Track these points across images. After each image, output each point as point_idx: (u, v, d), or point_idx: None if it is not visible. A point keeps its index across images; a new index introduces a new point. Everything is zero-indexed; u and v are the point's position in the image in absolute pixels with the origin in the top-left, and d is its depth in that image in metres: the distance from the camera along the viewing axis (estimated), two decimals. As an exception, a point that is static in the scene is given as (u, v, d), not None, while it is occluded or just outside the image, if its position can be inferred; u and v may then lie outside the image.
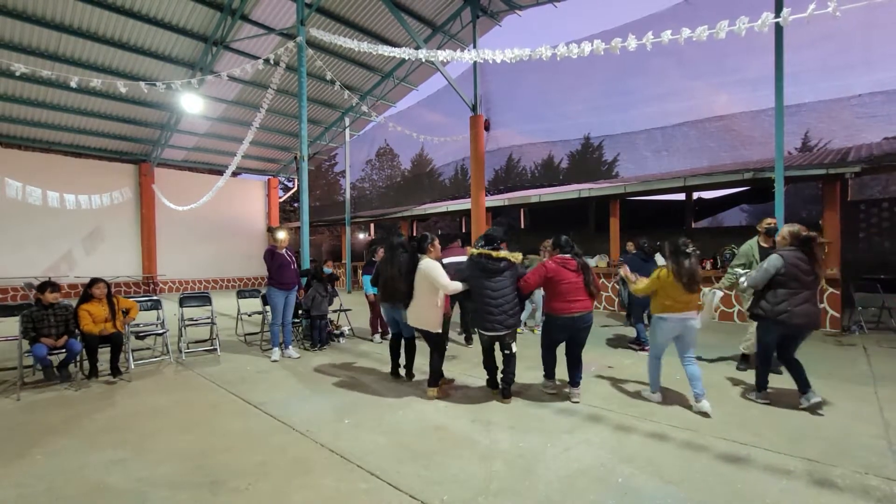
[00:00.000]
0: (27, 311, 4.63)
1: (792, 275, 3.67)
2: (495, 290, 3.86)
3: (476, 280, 3.96)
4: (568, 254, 3.98)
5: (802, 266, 3.67)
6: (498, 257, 3.86)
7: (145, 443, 3.29)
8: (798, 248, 3.74)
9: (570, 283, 3.84)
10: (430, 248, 4.22)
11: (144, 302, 6.01)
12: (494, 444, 3.17)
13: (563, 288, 3.85)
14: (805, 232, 3.76)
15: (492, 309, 3.86)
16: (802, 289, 3.67)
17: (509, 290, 3.89)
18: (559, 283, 3.86)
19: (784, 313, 3.66)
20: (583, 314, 3.86)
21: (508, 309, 3.88)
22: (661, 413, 3.70)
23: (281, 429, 3.51)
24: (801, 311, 3.64)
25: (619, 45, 3.66)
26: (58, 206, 12.96)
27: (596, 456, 2.97)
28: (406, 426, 3.52)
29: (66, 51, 10.69)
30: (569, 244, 4.02)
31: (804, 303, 3.66)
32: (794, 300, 3.66)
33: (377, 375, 5.01)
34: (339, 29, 11.55)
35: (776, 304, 3.70)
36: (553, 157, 13.37)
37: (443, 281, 3.99)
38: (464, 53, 5.36)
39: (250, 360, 5.74)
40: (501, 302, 3.86)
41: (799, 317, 3.64)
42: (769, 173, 7.48)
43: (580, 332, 3.92)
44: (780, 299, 3.70)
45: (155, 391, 4.54)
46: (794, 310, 3.64)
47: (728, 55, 8.79)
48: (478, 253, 3.95)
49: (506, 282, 3.88)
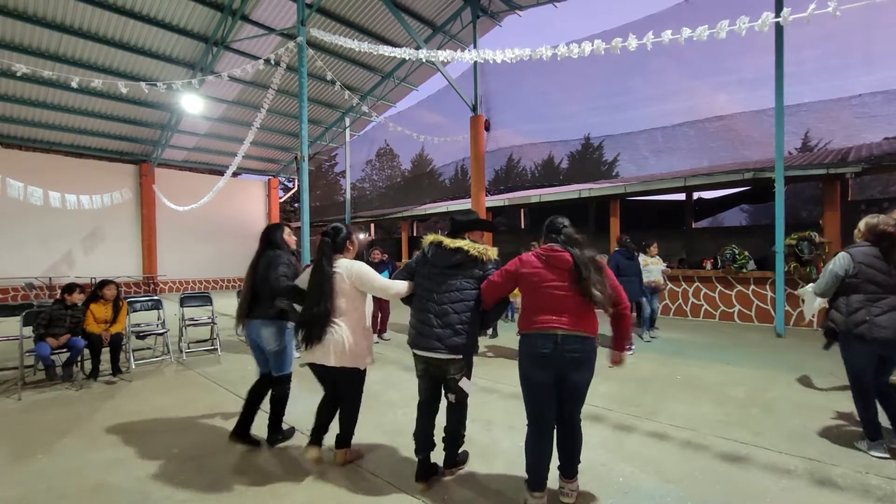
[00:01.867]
0: (46, 308, 4.70)
1: (867, 276, 2.95)
2: (440, 291, 2.57)
3: (418, 276, 2.72)
4: (556, 242, 2.45)
5: (878, 265, 2.95)
6: (453, 247, 2.58)
7: (146, 442, 3.30)
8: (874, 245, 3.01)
9: (553, 287, 2.35)
10: (348, 245, 2.96)
11: (145, 302, 6.02)
12: (494, 443, 3.17)
13: (541, 294, 2.38)
14: (885, 225, 2.99)
15: (430, 319, 2.55)
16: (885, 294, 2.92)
17: (462, 296, 2.55)
18: (537, 286, 2.39)
19: (863, 324, 2.91)
20: (568, 334, 2.29)
21: (455, 322, 2.51)
22: (662, 413, 3.71)
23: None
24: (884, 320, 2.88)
25: (620, 45, 3.67)
26: (59, 207, 12.97)
27: (596, 455, 2.98)
28: (407, 426, 3.52)
29: (67, 51, 10.70)
30: (559, 228, 2.48)
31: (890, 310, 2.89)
32: (873, 308, 2.91)
33: (376, 375, 5.01)
34: (339, 29, 11.55)
35: (851, 314, 2.97)
36: (553, 157, 13.40)
37: (379, 283, 2.75)
38: (464, 53, 5.37)
39: (251, 360, 5.71)
40: (447, 310, 2.53)
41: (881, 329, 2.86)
42: (769, 173, 7.49)
43: (569, 366, 2.31)
44: (854, 307, 2.97)
45: (156, 391, 4.54)
46: (874, 319, 2.89)
47: (728, 55, 8.81)
48: (430, 241, 2.72)
49: (458, 282, 2.56)
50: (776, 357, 5.59)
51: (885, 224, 2.97)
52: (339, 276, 2.76)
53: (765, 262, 8.36)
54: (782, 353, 5.73)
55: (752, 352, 5.95)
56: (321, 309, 2.68)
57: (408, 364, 5.42)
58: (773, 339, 6.75)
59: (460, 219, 2.78)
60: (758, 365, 5.21)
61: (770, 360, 5.43)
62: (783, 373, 4.79)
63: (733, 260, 8.35)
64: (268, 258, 3.11)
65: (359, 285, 2.77)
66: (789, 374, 4.77)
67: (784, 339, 6.73)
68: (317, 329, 2.68)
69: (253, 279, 3.13)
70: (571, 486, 2.47)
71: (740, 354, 5.76)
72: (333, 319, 2.72)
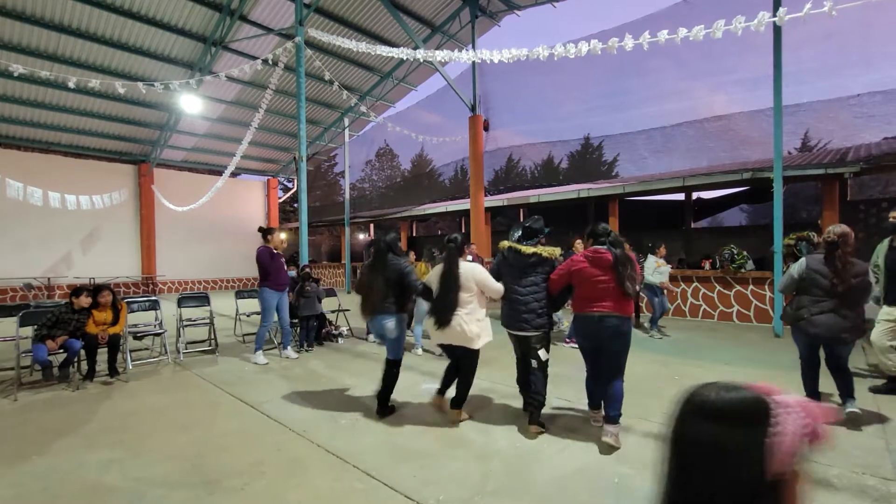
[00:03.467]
0: (54, 309, 4.69)
1: (813, 280, 3.40)
2: (523, 285, 3.42)
3: (504, 277, 3.56)
4: (603, 245, 3.24)
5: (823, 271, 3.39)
6: (526, 252, 3.42)
7: (142, 443, 3.29)
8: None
9: (598, 282, 3.16)
10: (466, 250, 3.77)
11: (143, 302, 6.01)
12: (491, 444, 3.16)
13: (588, 288, 3.21)
14: (829, 235, 3.40)
15: (518, 307, 3.42)
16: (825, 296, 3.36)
17: (538, 287, 3.40)
18: (585, 281, 3.22)
19: (802, 320, 3.44)
20: (605, 315, 3.13)
21: (537, 308, 3.38)
22: (659, 413, 3.70)
23: (277, 429, 3.51)
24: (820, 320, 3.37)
25: (616, 46, 3.66)
26: (59, 207, 12.98)
27: (592, 455, 2.97)
28: (402, 427, 3.52)
29: (65, 51, 10.69)
30: (605, 232, 3.29)
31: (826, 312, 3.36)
32: (813, 308, 3.39)
33: (374, 376, 5.00)
34: (337, 29, 11.55)
35: (796, 310, 3.52)
36: (553, 157, 13.38)
37: (492, 283, 3.53)
38: (461, 53, 5.35)
39: (247, 362, 5.73)
40: (529, 300, 3.39)
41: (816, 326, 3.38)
42: (768, 173, 7.48)
43: (607, 340, 3.16)
44: (800, 305, 3.50)
45: (152, 391, 4.53)
46: (811, 318, 3.39)
47: (727, 55, 8.80)
48: (507, 246, 3.54)
49: (534, 277, 3.41)
50: (775, 357, 5.58)
51: (829, 234, 3.39)
52: (463, 276, 3.50)
53: (763, 262, 8.35)
54: (780, 354, 5.72)
55: (750, 352, 5.94)
56: (449, 301, 3.44)
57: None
58: (772, 340, 6.75)
59: (535, 226, 3.56)
60: (756, 365, 5.21)
61: (769, 360, 5.43)
62: (781, 373, 4.78)
63: (732, 260, 8.34)
64: (396, 265, 3.74)
65: (477, 284, 3.51)
66: (787, 374, 4.74)
67: (782, 339, 6.72)
68: (446, 316, 3.42)
69: (375, 280, 3.72)
70: (612, 429, 3.08)
71: (739, 355, 5.75)
72: (457, 310, 3.44)
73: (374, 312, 3.72)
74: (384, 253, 3.80)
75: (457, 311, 3.42)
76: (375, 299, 3.71)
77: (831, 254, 3.35)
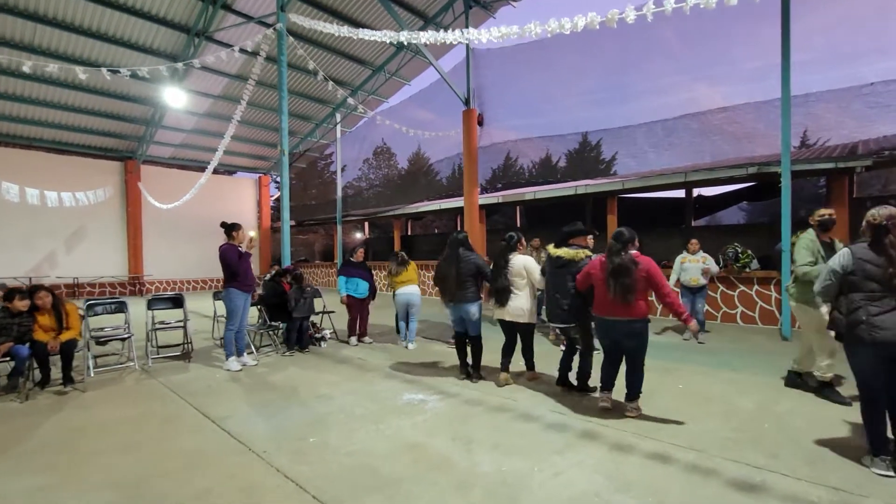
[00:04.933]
0: None
1: (865, 273, 2.74)
2: (555, 284, 4.08)
3: (546, 274, 4.25)
4: (615, 252, 3.49)
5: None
6: (556, 255, 4.06)
7: (79, 466, 2.90)
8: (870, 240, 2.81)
9: (601, 287, 3.54)
10: (519, 246, 4.47)
11: (108, 305, 5.61)
12: (474, 468, 2.78)
13: (600, 292, 3.57)
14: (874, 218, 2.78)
15: (552, 301, 4.13)
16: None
17: (570, 286, 3.94)
18: (597, 286, 3.61)
19: (861, 324, 2.70)
20: (616, 321, 3.48)
21: (564, 304, 3.99)
22: (663, 429, 3.32)
23: (236, 449, 3.12)
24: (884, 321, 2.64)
25: (617, 18, 3.29)
26: (37, 204, 12.56)
27: (589, 481, 2.59)
28: (377, 445, 3.14)
29: (42, 42, 10.28)
30: (618, 239, 3.50)
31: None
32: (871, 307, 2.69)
33: (355, 385, 4.62)
34: (325, 19, 11.13)
35: (850, 314, 2.79)
36: (551, 154, 12.96)
37: (538, 276, 4.27)
38: (447, 34, 4.96)
39: (219, 369, 5.33)
40: (558, 296, 4.03)
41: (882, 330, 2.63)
42: (775, 167, 7.11)
43: (621, 340, 3.55)
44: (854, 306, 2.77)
45: (108, 403, 4.14)
46: (871, 319, 2.66)
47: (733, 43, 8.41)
48: (548, 249, 4.26)
49: (566, 277, 3.97)
50: (784, 362, 5.16)
51: (875, 217, 2.75)
52: (515, 266, 4.32)
53: (768, 261, 7.98)
54: (789, 359, 5.34)
55: (757, 357, 5.57)
56: (502, 283, 4.29)
57: (389, 371, 5.04)
58: (779, 343, 6.38)
59: (565, 230, 4.15)
60: (765, 371, 4.84)
61: (778, 365, 5.02)
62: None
63: (736, 259, 7.97)
64: (471, 258, 4.50)
65: (527, 273, 4.27)
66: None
67: (790, 342, 6.34)
68: (503, 297, 4.29)
69: (450, 272, 4.45)
70: (633, 405, 3.59)
71: (746, 360, 5.38)
72: (513, 291, 4.28)
73: (455, 300, 4.45)
74: (457, 248, 4.50)
75: (514, 292, 4.26)
76: (453, 288, 4.42)
77: (879, 240, 2.72)
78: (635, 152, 9.86)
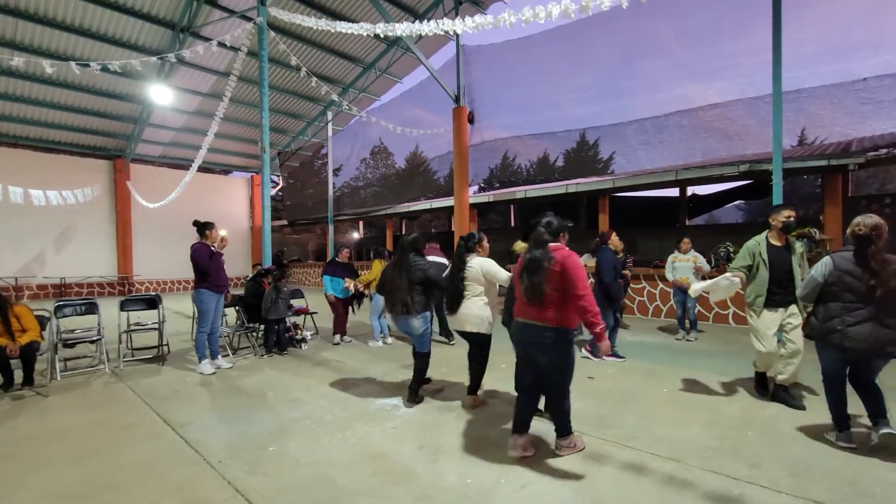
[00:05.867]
0: None
1: (845, 284, 2.88)
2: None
3: None
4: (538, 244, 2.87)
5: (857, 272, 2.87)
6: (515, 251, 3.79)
7: (24, 478, 2.74)
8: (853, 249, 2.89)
9: (517, 284, 2.97)
10: (478, 247, 3.82)
11: (78, 306, 5.44)
12: (437, 480, 2.63)
13: (516, 288, 3.05)
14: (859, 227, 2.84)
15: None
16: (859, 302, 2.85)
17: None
18: (514, 281, 3.16)
19: (835, 333, 2.90)
20: (526, 324, 2.85)
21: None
22: (642, 436, 3.17)
23: (191, 459, 2.96)
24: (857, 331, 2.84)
25: (592, 5, 3.13)
26: (22, 203, 12.38)
27: (558, 496, 2.44)
28: (340, 454, 2.98)
29: (24, 38, 10.09)
30: (547, 229, 2.89)
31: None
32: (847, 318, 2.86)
33: (328, 389, 4.46)
34: (312, 14, 10.96)
35: (825, 322, 2.97)
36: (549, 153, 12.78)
37: (502, 275, 3.66)
38: (422, 26, 4.79)
39: (192, 373, 5.17)
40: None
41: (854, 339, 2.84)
42: (766, 165, 6.97)
43: (526, 348, 2.91)
44: (830, 315, 2.94)
45: (68, 409, 3.97)
46: (846, 329, 2.86)
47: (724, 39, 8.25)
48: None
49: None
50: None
51: (859, 227, 2.83)
52: (472, 269, 3.70)
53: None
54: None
55: (747, 360, 5.39)
56: (453, 288, 3.69)
57: (368, 375, 4.88)
58: (771, 344, 6.23)
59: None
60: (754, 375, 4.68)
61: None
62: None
63: (728, 258, 7.83)
64: (418, 264, 3.84)
65: (487, 277, 3.69)
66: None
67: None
68: (453, 304, 3.68)
69: (398, 279, 3.82)
70: (563, 442, 2.94)
71: (735, 363, 5.23)
72: (466, 297, 3.67)
73: (399, 312, 3.81)
74: (405, 252, 3.88)
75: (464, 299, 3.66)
76: (400, 298, 3.78)
77: (863, 251, 2.79)
78: (625, 150, 9.71)
